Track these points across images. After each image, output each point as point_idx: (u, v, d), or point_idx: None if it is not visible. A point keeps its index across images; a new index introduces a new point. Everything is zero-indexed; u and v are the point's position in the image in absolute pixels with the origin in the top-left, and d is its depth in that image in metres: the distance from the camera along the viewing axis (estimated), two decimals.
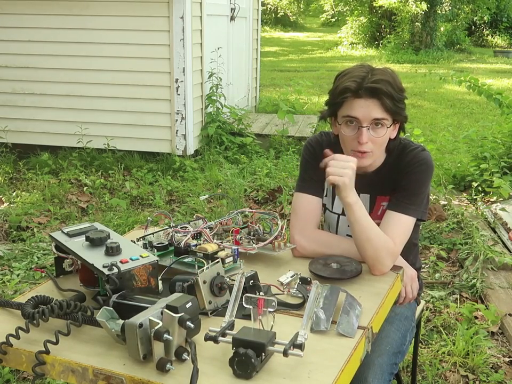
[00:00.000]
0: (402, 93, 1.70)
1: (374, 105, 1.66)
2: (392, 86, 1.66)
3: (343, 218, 1.86)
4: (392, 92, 1.65)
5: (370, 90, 1.65)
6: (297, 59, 17.36)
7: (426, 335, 2.79)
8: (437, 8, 17.52)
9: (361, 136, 1.68)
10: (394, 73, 1.71)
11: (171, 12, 5.17)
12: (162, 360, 1.16)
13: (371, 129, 1.68)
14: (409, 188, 1.71)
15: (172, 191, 4.84)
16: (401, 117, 1.72)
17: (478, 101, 9.40)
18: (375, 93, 1.65)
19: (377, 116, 1.67)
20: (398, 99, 1.67)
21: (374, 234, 1.63)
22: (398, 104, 1.68)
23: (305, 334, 1.21)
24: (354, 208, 1.62)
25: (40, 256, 3.63)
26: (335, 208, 1.87)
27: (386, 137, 1.71)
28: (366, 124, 1.67)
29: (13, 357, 1.28)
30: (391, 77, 1.68)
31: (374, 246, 1.61)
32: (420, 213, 1.73)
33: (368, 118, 1.67)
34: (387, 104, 1.65)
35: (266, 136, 6.12)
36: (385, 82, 1.65)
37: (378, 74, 1.67)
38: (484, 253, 3.43)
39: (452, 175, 4.90)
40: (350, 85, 1.66)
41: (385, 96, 1.65)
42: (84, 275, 1.50)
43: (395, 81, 1.67)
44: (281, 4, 28.77)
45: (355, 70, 1.70)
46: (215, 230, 1.73)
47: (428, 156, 1.75)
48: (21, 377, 2.49)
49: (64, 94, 5.58)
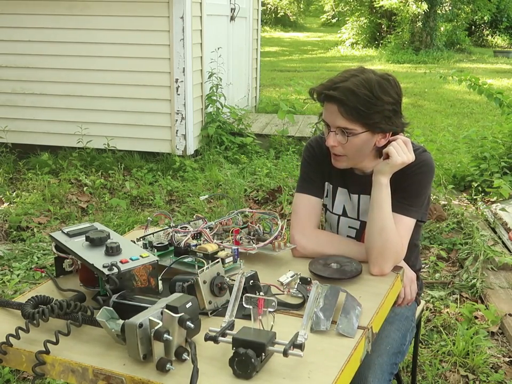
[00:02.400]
0: (378, 101, 1.62)
1: (336, 113, 1.65)
2: (355, 94, 1.60)
3: (343, 220, 1.86)
4: (351, 101, 1.60)
5: (328, 97, 1.66)
6: (297, 59, 17.37)
7: (426, 335, 2.79)
8: (437, 8, 17.53)
9: (328, 139, 1.70)
10: (374, 82, 1.63)
11: (171, 12, 5.17)
12: (162, 360, 1.16)
13: (340, 134, 1.68)
14: (410, 189, 1.70)
15: (171, 191, 4.84)
16: (379, 127, 1.66)
17: (478, 101, 9.40)
18: (332, 100, 1.65)
19: (340, 124, 1.66)
20: (365, 108, 1.61)
21: (390, 226, 1.64)
22: (366, 114, 1.62)
23: (305, 334, 1.21)
24: (383, 189, 1.64)
25: (40, 256, 3.63)
26: (336, 209, 1.87)
27: (361, 145, 1.69)
28: (333, 129, 1.68)
29: (13, 357, 1.28)
30: (362, 85, 1.61)
31: (384, 239, 1.62)
32: (421, 214, 1.74)
33: (333, 124, 1.68)
34: (344, 113, 1.63)
35: (266, 136, 6.12)
36: (346, 90, 1.61)
37: (348, 82, 1.63)
38: (484, 253, 3.43)
39: (452, 175, 4.90)
40: (316, 88, 1.69)
41: (341, 105, 1.63)
42: (83, 275, 1.50)
43: (364, 90, 1.61)
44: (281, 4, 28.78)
45: (341, 73, 1.70)
46: (215, 230, 1.73)
47: (429, 157, 1.74)
48: (21, 377, 2.49)
49: (64, 94, 5.58)
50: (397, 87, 1.69)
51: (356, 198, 1.82)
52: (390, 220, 1.64)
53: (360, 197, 1.81)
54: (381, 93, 1.63)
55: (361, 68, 1.71)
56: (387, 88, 1.65)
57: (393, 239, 1.63)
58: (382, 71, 1.75)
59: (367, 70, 1.70)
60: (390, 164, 1.63)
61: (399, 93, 1.70)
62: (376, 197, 1.66)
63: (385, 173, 1.65)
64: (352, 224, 1.84)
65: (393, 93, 1.67)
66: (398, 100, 1.69)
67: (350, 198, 1.84)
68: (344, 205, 1.85)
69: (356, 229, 1.84)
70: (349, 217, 1.85)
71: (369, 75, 1.66)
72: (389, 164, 1.64)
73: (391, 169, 1.65)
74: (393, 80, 1.69)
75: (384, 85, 1.65)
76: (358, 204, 1.82)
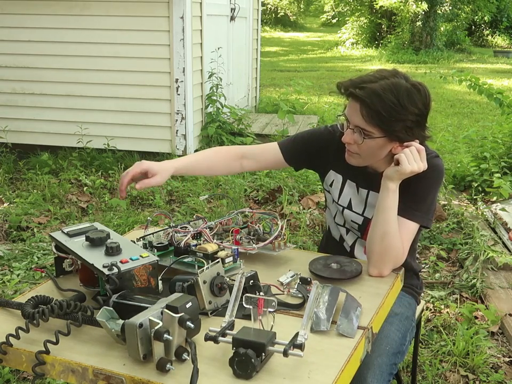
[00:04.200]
0: (402, 110, 1.58)
1: (358, 112, 1.62)
2: (380, 98, 1.57)
3: (347, 212, 1.84)
4: (375, 105, 1.57)
5: (353, 95, 1.63)
6: (297, 59, 17.37)
7: (426, 335, 2.79)
8: (437, 8, 17.54)
9: (345, 135, 1.69)
10: (403, 90, 1.58)
11: (171, 12, 5.17)
12: (162, 360, 1.16)
13: (357, 133, 1.65)
14: (418, 193, 1.68)
15: (171, 191, 4.84)
16: (397, 135, 1.62)
17: (478, 101, 9.40)
18: (356, 99, 1.62)
19: (359, 124, 1.63)
20: (387, 114, 1.58)
21: (393, 232, 1.62)
22: (387, 120, 1.59)
23: (305, 334, 1.21)
24: (390, 195, 1.62)
25: (40, 256, 3.63)
26: (341, 201, 1.86)
27: (376, 148, 1.66)
28: (352, 126, 1.66)
29: (13, 357, 1.28)
30: (390, 90, 1.57)
31: (385, 244, 1.61)
32: (426, 220, 1.71)
33: (353, 121, 1.66)
34: (365, 115, 1.60)
35: (266, 136, 6.11)
36: (371, 92, 1.58)
37: (376, 83, 1.59)
38: (484, 253, 3.43)
39: (452, 175, 4.90)
40: (344, 82, 1.66)
41: (363, 106, 1.60)
42: (83, 275, 1.50)
43: (391, 96, 1.57)
44: (281, 4, 28.79)
45: (374, 72, 1.67)
46: (215, 230, 1.73)
47: (440, 164, 1.72)
48: (21, 377, 2.49)
49: (64, 94, 5.58)
50: (426, 98, 1.63)
51: (365, 193, 1.81)
52: (394, 226, 1.63)
53: (370, 193, 1.80)
54: (407, 102, 1.58)
55: (395, 71, 1.66)
56: (415, 98, 1.60)
57: (395, 245, 1.63)
58: (415, 80, 1.67)
59: (400, 75, 1.64)
60: (399, 171, 1.60)
61: (427, 105, 1.63)
62: (383, 202, 1.64)
63: (394, 179, 1.62)
64: (355, 218, 1.84)
65: (420, 103, 1.61)
66: (424, 111, 1.63)
67: (358, 192, 1.83)
68: (350, 198, 1.84)
69: (358, 224, 1.83)
70: (353, 211, 1.84)
71: (400, 80, 1.61)
72: (398, 171, 1.60)
73: (400, 177, 1.61)
74: (424, 91, 1.63)
75: (413, 94, 1.60)
76: (366, 199, 1.81)
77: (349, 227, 1.88)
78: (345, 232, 1.90)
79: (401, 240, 1.65)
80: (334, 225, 1.94)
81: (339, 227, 1.92)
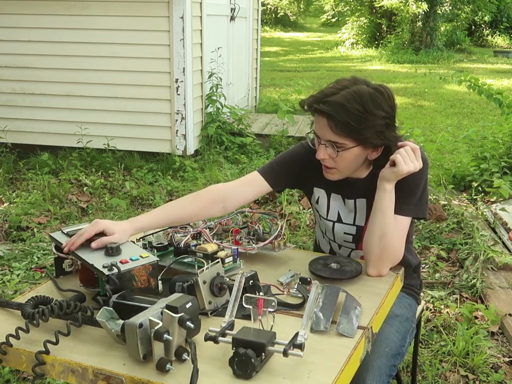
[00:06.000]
0: (370, 116, 1.57)
1: (326, 127, 1.61)
2: (346, 108, 1.56)
3: (338, 226, 1.83)
4: (341, 117, 1.56)
5: (318, 110, 1.62)
6: (297, 59, 17.37)
7: (426, 335, 2.79)
8: (437, 8, 17.54)
9: (318, 151, 1.68)
10: (366, 96, 1.58)
11: (171, 12, 5.17)
12: (162, 360, 1.16)
13: (330, 148, 1.65)
14: (404, 188, 1.67)
15: (171, 191, 4.84)
16: (370, 142, 1.62)
17: (478, 101, 9.40)
18: (322, 114, 1.61)
19: (330, 138, 1.62)
20: (356, 123, 1.57)
21: (391, 233, 1.62)
22: (356, 129, 1.58)
23: (305, 334, 1.21)
24: (387, 196, 1.62)
25: (40, 256, 3.63)
26: (330, 216, 1.85)
27: (352, 159, 1.66)
28: (323, 141, 1.65)
29: (13, 357, 1.28)
30: (354, 99, 1.57)
31: (383, 245, 1.61)
32: (418, 211, 1.71)
33: (323, 137, 1.65)
34: (334, 128, 1.59)
35: (266, 136, 6.12)
36: (336, 105, 1.57)
37: (338, 95, 1.58)
38: (484, 253, 3.43)
39: (452, 175, 4.90)
40: (306, 100, 1.65)
41: (330, 120, 1.59)
42: (83, 275, 1.50)
43: (355, 105, 1.56)
44: (281, 4, 28.79)
45: (333, 83, 1.66)
46: (215, 230, 1.74)
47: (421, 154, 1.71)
48: (21, 377, 2.49)
49: (64, 94, 5.58)
50: (390, 99, 1.63)
51: (352, 203, 1.80)
52: (392, 226, 1.63)
53: (356, 201, 1.79)
54: (373, 107, 1.58)
55: (354, 79, 1.65)
56: (380, 102, 1.59)
57: (393, 245, 1.63)
58: (376, 83, 1.67)
59: (359, 81, 1.63)
60: (396, 172, 1.60)
61: (392, 106, 1.64)
62: (380, 203, 1.64)
63: (390, 180, 1.62)
64: (347, 230, 1.82)
65: (386, 106, 1.61)
66: (391, 113, 1.63)
67: (344, 203, 1.82)
68: (338, 210, 1.83)
69: (352, 234, 1.82)
70: (344, 223, 1.82)
71: (361, 87, 1.60)
72: (395, 173, 1.60)
73: (397, 177, 1.62)
74: (387, 93, 1.63)
75: (377, 98, 1.59)
76: (354, 207, 1.80)
77: (340, 242, 1.86)
78: (337, 247, 1.89)
79: (398, 238, 1.65)
80: (325, 241, 1.93)
81: (331, 242, 1.90)
